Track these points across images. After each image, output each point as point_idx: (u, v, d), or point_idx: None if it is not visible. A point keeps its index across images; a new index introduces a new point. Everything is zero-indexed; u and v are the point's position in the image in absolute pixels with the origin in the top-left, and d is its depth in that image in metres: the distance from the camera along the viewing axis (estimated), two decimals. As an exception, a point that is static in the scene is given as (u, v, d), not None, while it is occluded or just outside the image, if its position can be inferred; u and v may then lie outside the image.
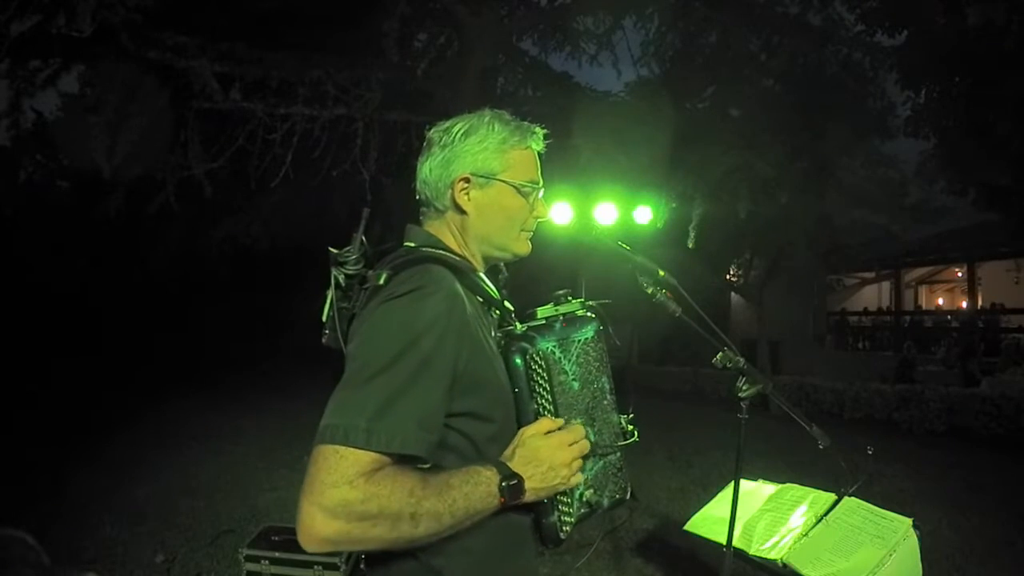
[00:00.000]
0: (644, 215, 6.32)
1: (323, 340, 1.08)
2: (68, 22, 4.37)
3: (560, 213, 6.03)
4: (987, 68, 7.28)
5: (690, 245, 6.99)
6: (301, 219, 8.39)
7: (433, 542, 0.96)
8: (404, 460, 0.93)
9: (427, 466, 0.96)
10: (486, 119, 1.16)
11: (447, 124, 1.18)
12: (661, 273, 1.35)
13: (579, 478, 1.09)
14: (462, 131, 1.15)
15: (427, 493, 0.92)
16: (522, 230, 1.20)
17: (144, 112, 5.29)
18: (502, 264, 1.26)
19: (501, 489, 0.98)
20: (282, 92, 5.50)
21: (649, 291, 1.35)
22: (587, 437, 1.11)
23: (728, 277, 12.92)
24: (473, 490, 0.96)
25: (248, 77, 5.37)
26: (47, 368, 12.25)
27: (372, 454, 0.90)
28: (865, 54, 7.72)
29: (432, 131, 1.20)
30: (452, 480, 0.96)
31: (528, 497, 1.02)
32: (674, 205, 6.86)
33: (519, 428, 1.09)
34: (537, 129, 1.20)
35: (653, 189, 6.60)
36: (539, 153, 1.22)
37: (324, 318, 1.08)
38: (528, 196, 1.18)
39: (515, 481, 1.00)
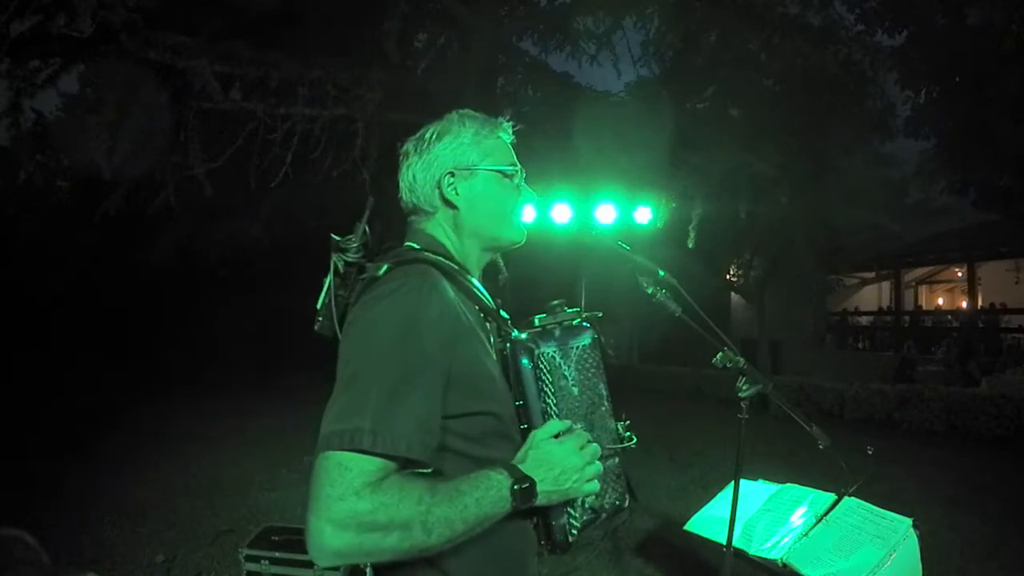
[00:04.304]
0: (644, 215, 6.31)
1: (315, 327, 1.07)
2: (68, 22, 4.36)
3: (560, 213, 6.03)
4: (987, 68, 7.29)
5: (690, 245, 7.00)
6: (301, 219, 8.39)
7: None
8: (407, 465, 0.93)
9: (429, 471, 0.96)
10: (454, 118, 1.21)
11: (418, 134, 1.22)
12: (661, 273, 1.36)
13: (594, 486, 1.08)
14: (435, 134, 1.20)
15: (436, 500, 0.91)
16: (513, 215, 1.22)
17: (144, 112, 5.29)
18: (502, 264, 1.27)
19: (512, 493, 0.97)
20: (282, 92, 5.49)
21: (649, 291, 1.35)
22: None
23: (728, 277, 12.93)
24: (484, 495, 0.95)
25: (248, 77, 5.36)
26: (47, 368, 12.25)
27: (377, 461, 0.89)
28: (865, 54, 7.72)
29: (405, 145, 1.24)
30: (462, 486, 0.95)
31: (540, 500, 1.01)
32: (674, 205, 6.86)
33: (523, 428, 1.08)
34: (504, 121, 1.24)
35: (653, 189, 6.60)
36: (511, 143, 1.25)
37: (319, 305, 1.07)
38: (512, 178, 1.21)
39: (527, 485, 0.98)
